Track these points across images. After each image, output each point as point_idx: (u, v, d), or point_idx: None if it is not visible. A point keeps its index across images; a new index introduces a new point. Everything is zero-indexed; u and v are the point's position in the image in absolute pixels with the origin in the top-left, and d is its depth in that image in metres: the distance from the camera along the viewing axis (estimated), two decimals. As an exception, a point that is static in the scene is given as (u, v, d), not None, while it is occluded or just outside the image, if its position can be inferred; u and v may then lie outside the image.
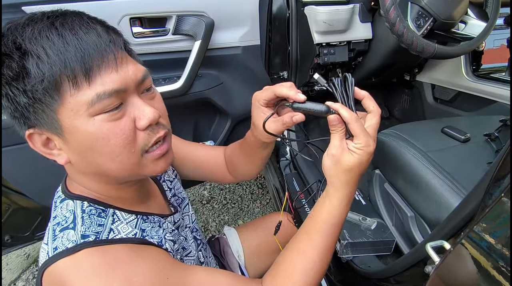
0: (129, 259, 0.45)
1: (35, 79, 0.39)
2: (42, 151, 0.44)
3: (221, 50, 1.01)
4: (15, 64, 0.39)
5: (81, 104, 0.40)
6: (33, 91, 0.39)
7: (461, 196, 0.70)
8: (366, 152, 0.47)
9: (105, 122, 0.42)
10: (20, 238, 1.02)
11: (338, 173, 0.49)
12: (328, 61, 1.21)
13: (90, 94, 0.40)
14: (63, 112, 0.41)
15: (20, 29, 0.39)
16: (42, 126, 0.42)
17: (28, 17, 0.41)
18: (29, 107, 0.40)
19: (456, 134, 0.89)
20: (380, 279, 0.74)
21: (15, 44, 0.39)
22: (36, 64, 0.38)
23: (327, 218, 0.52)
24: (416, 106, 1.55)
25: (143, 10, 0.84)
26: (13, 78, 0.39)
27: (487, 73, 1.26)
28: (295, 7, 1.14)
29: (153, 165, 0.48)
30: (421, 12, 0.97)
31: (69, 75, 0.39)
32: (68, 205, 0.49)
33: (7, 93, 0.40)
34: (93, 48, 0.40)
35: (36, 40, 0.39)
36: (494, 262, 0.35)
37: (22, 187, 0.88)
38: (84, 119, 0.41)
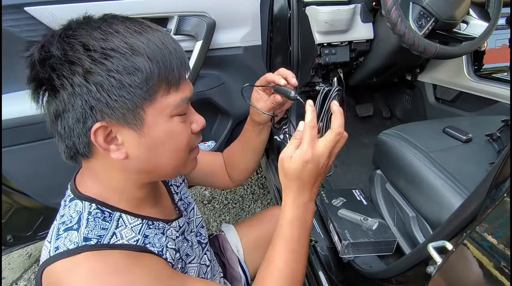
0: (128, 267, 0.45)
1: (142, 77, 0.43)
2: (101, 144, 0.45)
3: (223, 51, 1.01)
4: (126, 61, 0.42)
5: (168, 105, 0.46)
6: (135, 87, 0.43)
7: (463, 196, 0.70)
8: (302, 160, 0.50)
9: (179, 123, 0.49)
10: (22, 238, 1.02)
11: (282, 177, 0.54)
12: (330, 61, 1.21)
13: (177, 98, 0.47)
14: (150, 110, 0.45)
15: (128, 32, 0.43)
16: (118, 119, 0.44)
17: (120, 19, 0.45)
18: (119, 100, 0.43)
19: (458, 135, 0.88)
20: (381, 279, 0.73)
21: (127, 44, 0.42)
22: (146, 65, 0.43)
23: (282, 223, 0.54)
24: (418, 107, 1.55)
25: (144, 10, 0.85)
26: (119, 71, 0.42)
27: (489, 73, 1.25)
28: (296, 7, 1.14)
29: (191, 163, 0.56)
30: (422, 12, 0.97)
31: (168, 80, 0.45)
32: (77, 206, 0.49)
33: (101, 83, 0.42)
34: (184, 59, 0.48)
35: (147, 45, 0.44)
36: (496, 262, 0.35)
37: (24, 187, 0.88)
38: (165, 118, 0.47)
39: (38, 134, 0.82)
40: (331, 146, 0.51)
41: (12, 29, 0.72)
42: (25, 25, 0.73)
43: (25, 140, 0.82)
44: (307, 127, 0.51)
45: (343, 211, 0.96)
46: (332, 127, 0.52)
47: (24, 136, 0.81)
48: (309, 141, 0.50)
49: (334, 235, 0.90)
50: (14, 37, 0.73)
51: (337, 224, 0.90)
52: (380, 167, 1.00)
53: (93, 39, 0.42)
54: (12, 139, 0.80)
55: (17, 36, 0.73)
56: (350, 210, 0.96)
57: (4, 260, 1.53)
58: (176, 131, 0.49)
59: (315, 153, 0.50)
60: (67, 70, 0.41)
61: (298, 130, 0.53)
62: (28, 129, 0.80)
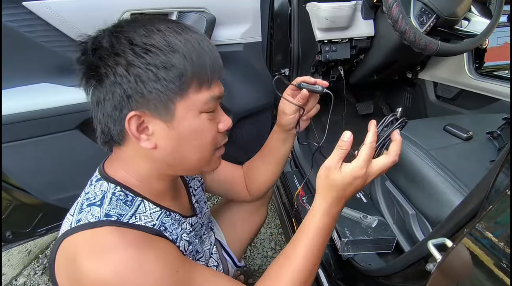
0: (143, 245, 0.48)
1: (177, 73, 0.46)
2: (133, 132, 0.48)
3: (222, 47, 1.01)
4: (163, 57, 0.45)
5: (198, 101, 0.49)
6: (169, 81, 0.46)
7: (463, 194, 0.70)
8: (353, 175, 0.52)
9: (206, 120, 0.51)
10: (21, 234, 1.02)
11: (324, 185, 0.55)
12: (330, 58, 1.21)
13: (207, 96, 0.50)
14: (181, 104, 0.48)
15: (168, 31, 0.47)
16: (152, 110, 0.47)
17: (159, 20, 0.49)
18: (154, 92, 0.46)
19: (459, 132, 0.88)
20: (381, 277, 0.73)
21: (166, 42, 0.46)
22: (182, 62, 0.46)
23: (310, 228, 0.55)
24: (418, 104, 1.54)
25: (144, 6, 0.84)
26: (156, 66, 0.45)
27: (490, 71, 1.25)
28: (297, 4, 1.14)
29: (215, 161, 0.58)
30: (424, 9, 0.97)
31: (201, 78, 0.48)
32: (102, 186, 0.52)
33: (139, 75, 0.45)
34: (217, 61, 0.51)
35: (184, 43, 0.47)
36: (496, 259, 0.35)
37: (23, 183, 0.88)
38: (194, 113, 0.50)
39: (38, 130, 0.82)
40: (384, 170, 0.54)
41: (11, 24, 0.71)
42: (24, 20, 0.72)
43: (25, 136, 0.81)
44: (367, 145, 0.53)
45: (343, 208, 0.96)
46: (390, 153, 0.54)
47: (24, 132, 0.81)
48: (366, 159, 0.52)
49: (334, 233, 0.90)
50: (13, 32, 0.72)
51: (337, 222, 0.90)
52: (380, 165, 1.00)
53: (137, 35, 0.46)
54: (11, 135, 0.80)
55: (15, 31, 0.72)
56: (349, 207, 0.96)
57: (4, 256, 1.54)
58: (203, 127, 0.51)
59: (368, 172, 0.53)
60: (112, 61, 0.45)
61: (342, 140, 0.54)
62: (28, 125, 0.80)
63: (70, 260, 0.45)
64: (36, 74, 0.80)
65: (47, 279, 1.43)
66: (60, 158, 0.87)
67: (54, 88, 0.81)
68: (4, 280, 1.42)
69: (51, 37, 0.76)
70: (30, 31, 0.74)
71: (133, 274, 0.44)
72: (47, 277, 1.44)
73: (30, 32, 0.74)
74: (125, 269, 0.44)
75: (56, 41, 0.76)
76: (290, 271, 0.54)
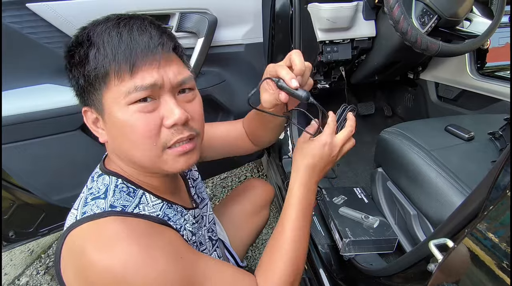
0: (149, 234, 0.48)
1: (91, 66, 0.47)
2: (91, 127, 0.52)
3: (224, 48, 1.01)
4: (82, 52, 0.47)
5: (121, 93, 0.47)
6: (88, 76, 0.47)
7: (465, 194, 0.70)
8: (321, 142, 0.58)
9: (137, 112, 0.47)
10: (24, 234, 1.03)
11: (298, 157, 0.60)
12: (331, 59, 1.21)
13: (130, 85, 0.46)
14: (107, 97, 0.48)
15: (96, 25, 0.48)
16: (92, 105, 0.50)
17: (106, 17, 0.49)
18: (84, 88, 0.49)
19: (460, 133, 0.88)
20: (382, 277, 0.73)
21: (88, 36, 0.47)
22: (95, 55, 0.46)
23: (289, 203, 0.60)
24: (420, 105, 1.54)
25: (146, 7, 0.85)
26: (78, 63, 0.48)
27: (491, 72, 1.24)
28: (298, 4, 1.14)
29: (173, 161, 0.51)
30: (425, 10, 0.97)
31: (115, 68, 0.46)
32: (104, 180, 0.53)
33: (74, 75, 0.49)
34: (141, 48, 0.46)
35: (102, 35, 0.47)
36: (498, 260, 0.35)
37: (26, 184, 0.88)
38: (121, 106, 0.47)
39: (40, 131, 0.83)
40: (345, 140, 0.60)
41: (14, 26, 0.72)
42: (27, 22, 0.73)
43: (27, 137, 0.82)
44: (330, 123, 0.60)
45: (344, 209, 0.96)
46: (347, 127, 0.61)
47: (26, 133, 0.81)
48: (330, 131, 0.59)
49: (335, 233, 0.90)
50: (16, 33, 0.73)
51: (338, 222, 0.90)
52: (382, 165, 1.00)
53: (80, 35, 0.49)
54: (14, 136, 0.80)
55: (18, 33, 0.73)
56: (351, 208, 0.96)
57: (6, 256, 1.54)
58: (130, 121, 0.47)
59: (333, 141, 0.59)
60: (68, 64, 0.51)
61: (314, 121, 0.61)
62: (30, 126, 0.81)
63: (77, 252, 0.45)
64: (39, 75, 0.80)
65: (50, 279, 1.43)
66: (63, 158, 0.88)
67: (57, 89, 0.82)
68: (6, 279, 1.43)
69: (54, 38, 0.77)
70: (33, 33, 0.74)
71: (139, 262, 0.44)
72: (49, 276, 1.44)
73: (33, 33, 0.74)
74: (131, 257, 0.44)
75: (59, 42, 0.77)
76: (282, 249, 0.57)
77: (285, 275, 0.56)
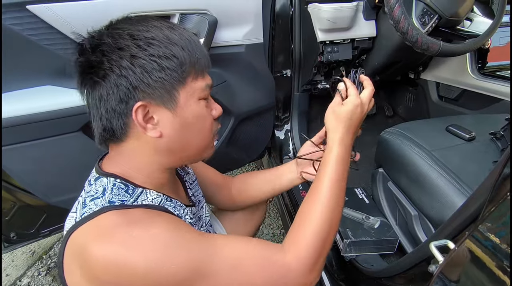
0: (148, 217, 0.49)
1: (177, 62, 0.51)
2: (140, 122, 0.51)
3: (224, 48, 1.01)
4: (164, 48, 0.50)
5: (196, 89, 0.54)
6: (172, 70, 0.50)
7: (466, 195, 0.70)
8: (354, 104, 0.64)
9: (204, 106, 0.56)
10: (25, 235, 1.03)
11: (333, 120, 0.65)
12: (332, 59, 1.21)
13: (203, 83, 0.55)
14: (183, 92, 0.52)
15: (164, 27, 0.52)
16: (156, 99, 0.51)
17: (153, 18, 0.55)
18: (159, 81, 0.50)
19: (461, 133, 0.88)
20: (383, 278, 0.73)
21: (164, 35, 0.51)
22: (181, 53, 0.51)
23: (329, 160, 0.61)
24: (421, 105, 1.54)
25: (146, 8, 0.84)
26: (159, 56, 0.49)
27: (492, 71, 1.24)
28: (298, 5, 1.14)
29: (212, 148, 0.62)
30: (426, 10, 0.96)
31: (197, 67, 0.53)
32: (102, 181, 0.54)
33: (145, 66, 0.49)
34: (207, 53, 0.57)
35: (180, 36, 0.52)
36: (499, 262, 0.35)
37: (27, 185, 0.89)
38: (194, 100, 0.54)
39: (42, 132, 0.83)
40: (370, 98, 0.67)
41: (15, 28, 0.72)
42: (27, 24, 0.73)
43: (29, 139, 0.82)
44: (350, 86, 0.66)
45: (345, 209, 0.96)
46: (367, 86, 0.68)
47: (28, 135, 0.82)
48: (355, 93, 0.65)
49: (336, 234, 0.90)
50: (17, 35, 0.73)
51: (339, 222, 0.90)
52: (382, 165, 1.00)
53: (137, 30, 0.50)
54: (15, 137, 0.80)
55: (19, 35, 0.73)
56: (352, 208, 0.96)
57: (8, 257, 1.55)
58: (203, 113, 0.56)
59: (361, 100, 0.65)
60: (116, 55, 0.48)
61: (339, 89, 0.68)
62: (32, 128, 0.81)
63: (79, 252, 0.45)
64: (39, 77, 0.80)
65: (51, 280, 1.44)
66: (64, 159, 0.88)
67: (57, 90, 0.82)
68: (8, 281, 1.43)
69: (55, 40, 0.77)
70: (34, 34, 0.74)
71: (141, 241, 0.45)
72: (51, 277, 1.45)
73: (34, 35, 0.74)
74: (132, 239, 0.45)
75: (60, 43, 0.77)
76: (319, 204, 0.57)
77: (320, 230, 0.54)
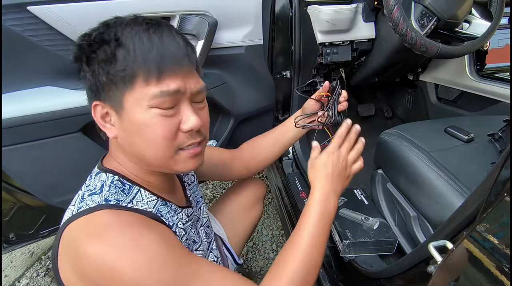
0: (141, 224, 0.50)
1: (118, 66, 0.48)
2: (99, 121, 0.52)
3: (224, 50, 1.02)
4: (109, 51, 0.48)
5: (145, 95, 0.49)
6: (113, 75, 0.48)
7: (464, 196, 0.70)
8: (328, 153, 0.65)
9: (158, 116, 0.50)
10: (24, 236, 1.03)
11: (311, 173, 0.65)
12: (331, 60, 1.21)
13: (156, 90, 0.48)
14: (129, 97, 0.49)
15: (123, 25, 0.49)
16: (107, 101, 0.51)
17: (131, 19, 0.51)
18: (105, 85, 0.49)
19: (460, 134, 0.88)
20: (382, 279, 0.73)
21: (115, 36, 0.48)
22: (124, 56, 0.48)
23: (310, 214, 0.60)
24: (420, 106, 1.54)
25: (146, 10, 0.85)
26: (103, 60, 0.48)
27: (491, 73, 1.25)
28: (298, 6, 1.14)
29: (184, 162, 0.55)
30: (424, 12, 0.97)
31: (144, 72, 0.48)
32: (101, 177, 0.55)
33: (94, 70, 0.49)
34: (170, 56, 0.49)
35: (132, 38, 0.48)
36: (497, 262, 0.35)
37: (27, 186, 0.89)
38: (143, 108, 0.49)
39: (42, 133, 0.83)
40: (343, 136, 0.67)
41: (15, 29, 0.72)
42: (28, 25, 0.73)
43: (29, 139, 0.82)
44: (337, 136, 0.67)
45: (344, 210, 0.96)
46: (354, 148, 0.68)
47: (28, 135, 0.82)
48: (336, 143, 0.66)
49: (335, 234, 0.90)
50: (18, 36, 0.73)
51: (338, 223, 0.90)
52: (382, 167, 1.00)
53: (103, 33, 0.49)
54: (15, 138, 0.80)
55: (20, 36, 0.73)
56: (351, 209, 0.96)
57: (7, 258, 1.54)
58: (151, 123, 0.50)
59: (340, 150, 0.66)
60: (84, 58, 0.50)
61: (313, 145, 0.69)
62: (32, 128, 0.81)
63: (72, 246, 0.47)
64: (40, 77, 0.80)
65: (50, 281, 1.43)
66: (63, 160, 0.88)
67: (58, 91, 0.82)
68: (7, 281, 1.43)
69: (55, 41, 0.77)
70: (34, 35, 0.75)
71: (129, 250, 0.45)
72: (49, 278, 1.44)
73: (34, 36, 0.75)
74: (122, 245, 0.45)
75: (60, 44, 0.77)
76: (297, 258, 0.55)
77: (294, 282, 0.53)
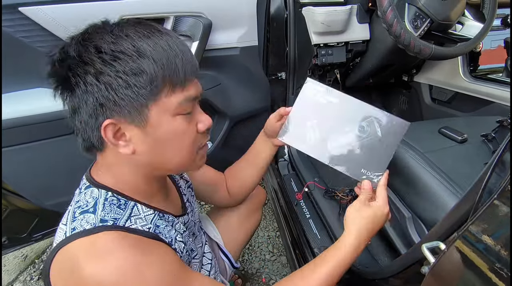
0: (141, 249, 0.48)
1: (147, 78, 0.46)
2: (110, 139, 0.48)
3: (219, 51, 1.01)
4: (132, 63, 0.45)
5: (171, 105, 0.48)
6: (140, 87, 0.46)
7: (458, 196, 0.70)
8: (380, 209, 0.64)
9: (183, 122, 0.51)
10: (17, 240, 1.02)
11: (356, 218, 0.63)
12: (326, 62, 1.22)
13: (181, 98, 0.49)
14: (154, 109, 0.48)
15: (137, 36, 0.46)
16: (125, 117, 0.47)
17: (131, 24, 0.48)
18: (126, 99, 0.46)
19: (453, 135, 0.89)
20: (377, 279, 0.74)
21: (134, 47, 0.45)
22: (151, 67, 0.46)
23: (336, 256, 0.60)
24: (414, 107, 1.55)
25: (140, 11, 0.84)
26: (125, 73, 0.45)
27: (484, 74, 1.26)
28: (293, 8, 1.15)
29: (200, 160, 0.58)
30: (418, 13, 0.98)
31: (174, 80, 0.48)
32: (93, 192, 0.52)
33: (110, 83, 0.45)
34: (190, 64, 0.50)
35: (154, 48, 0.46)
36: (489, 262, 0.35)
37: (19, 189, 0.87)
38: (169, 117, 0.49)
39: (34, 135, 0.82)
40: None
41: (7, 30, 0.71)
42: (20, 26, 0.72)
43: (21, 142, 0.81)
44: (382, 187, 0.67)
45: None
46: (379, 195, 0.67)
47: (20, 137, 0.81)
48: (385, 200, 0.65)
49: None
50: (9, 37, 0.72)
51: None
52: (376, 167, 1.01)
53: (104, 42, 0.45)
54: (7, 140, 0.79)
55: (12, 37, 0.72)
56: (346, 210, 0.96)
57: None
58: (180, 130, 0.51)
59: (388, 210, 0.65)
60: (81, 70, 0.45)
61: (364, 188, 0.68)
62: (24, 130, 0.80)
63: (68, 269, 0.45)
64: (32, 79, 0.80)
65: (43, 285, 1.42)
66: (56, 162, 0.87)
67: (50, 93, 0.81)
68: None
69: (47, 42, 0.76)
70: (26, 36, 0.74)
71: (131, 276, 0.44)
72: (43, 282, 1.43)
73: (26, 37, 0.74)
74: (124, 271, 0.44)
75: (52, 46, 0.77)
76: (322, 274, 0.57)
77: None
